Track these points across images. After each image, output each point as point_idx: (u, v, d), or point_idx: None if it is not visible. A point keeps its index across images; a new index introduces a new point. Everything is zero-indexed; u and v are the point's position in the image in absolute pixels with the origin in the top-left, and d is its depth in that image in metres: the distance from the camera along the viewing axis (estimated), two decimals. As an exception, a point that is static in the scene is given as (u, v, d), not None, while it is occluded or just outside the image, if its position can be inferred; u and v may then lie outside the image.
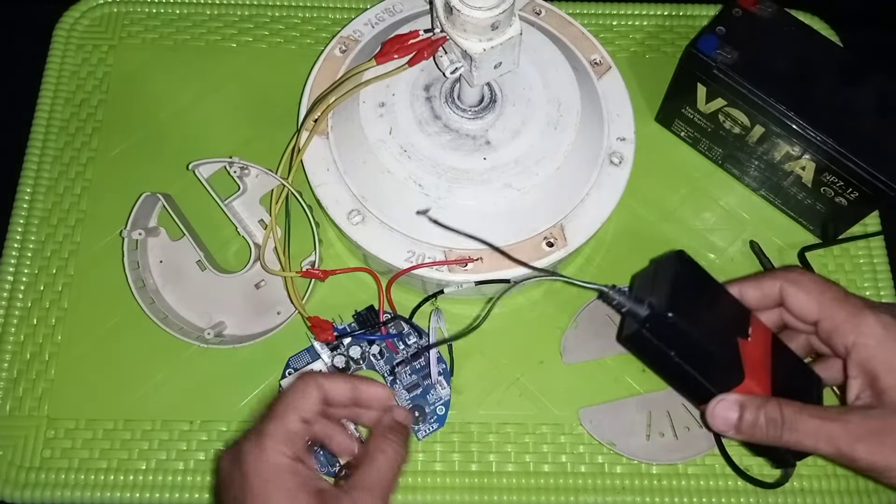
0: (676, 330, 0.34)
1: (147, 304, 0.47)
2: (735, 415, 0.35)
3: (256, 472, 0.33)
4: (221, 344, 0.47)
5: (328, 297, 0.50)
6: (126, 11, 0.58)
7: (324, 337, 0.45)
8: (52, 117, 0.55)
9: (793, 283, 0.38)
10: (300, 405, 0.36)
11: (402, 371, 0.46)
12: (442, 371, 0.46)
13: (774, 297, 0.39)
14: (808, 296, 0.37)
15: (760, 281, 0.39)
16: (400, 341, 0.47)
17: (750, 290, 0.39)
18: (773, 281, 0.38)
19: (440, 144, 0.43)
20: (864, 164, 0.44)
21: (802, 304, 0.37)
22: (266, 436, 0.34)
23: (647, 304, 0.35)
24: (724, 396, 0.36)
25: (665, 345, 0.35)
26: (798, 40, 0.48)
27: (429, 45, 0.41)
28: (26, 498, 0.45)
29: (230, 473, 0.34)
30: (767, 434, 0.35)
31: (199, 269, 0.49)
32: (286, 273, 0.45)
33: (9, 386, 0.48)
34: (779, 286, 0.38)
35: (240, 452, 0.34)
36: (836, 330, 0.36)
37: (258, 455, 0.34)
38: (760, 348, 0.37)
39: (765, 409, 0.35)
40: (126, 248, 0.48)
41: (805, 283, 0.38)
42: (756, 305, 0.39)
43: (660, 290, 0.35)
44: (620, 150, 0.47)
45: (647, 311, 0.35)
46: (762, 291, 0.39)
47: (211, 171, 0.49)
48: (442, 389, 0.46)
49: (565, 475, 0.47)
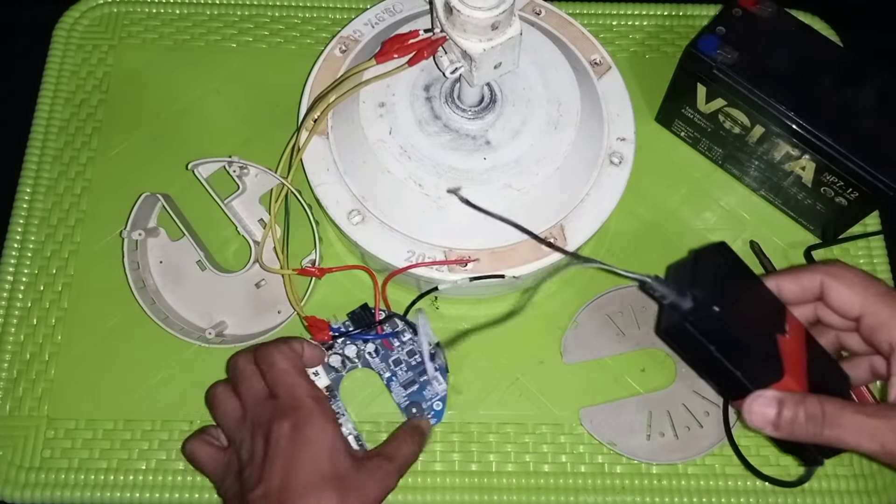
0: (720, 325, 0.33)
1: (148, 305, 0.47)
2: (773, 411, 0.34)
3: (307, 421, 0.38)
4: (223, 344, 0.47)
5: (326, 296, 0.50)
6: (126, 11, 0.58)
7: (320, 337, 0.45)
8: (52, 117, 0.55)
9: (835, 278, 0.37)
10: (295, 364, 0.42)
11: (399, 369, 0.46)
12: (438, 367, 0.46)
13: (813, 291, 0.38)
14: (852, 290, 0.36)
15: (799, 275, 0.38)
16: (395, 339, 0.47)
17: (788, 283, 0.38)
18: (813, 275, 0.38)
19: (440, 144, 0.43)
20: (864, 164, 0.44)
21: (845, 299, 0.37)
22: (300, 388, 0.40)
23: (690, 296, 0.34)
24: (761, 393, 0.35)
25: (707, 339, 0.34)
26: (798, 40, 0.48)
27: (429, 45, 0.41)
28: (26, 498, 0.45)
29: (274, 425, 0.38)
30: (807, 430, 0.34)
31: (199, 269, 0.49)
32: (283, 271, 0.45)
33: (9, 386, 0.48)
34: (819, 280, 0.37)
35: (280, 409, 0.39)
36: (881, 326, 0.36)
37: (305, 409, 0.39)
38: (797, 345, 0.36)
39: (804, 404, 0.34)
40: (126, 248, 0.48)
41: (848, 277, 0.37)
42: (793, 300, 0.38)
43: (703, 282, 0.34)
44: (620, 150, 0.47)
45: (692, 303, 0.33)
46: (801, 285, 0.38)
47: (210, 171, 0.49)
48: (438, 385, 0.46)
49: (565, 475, 0.47)
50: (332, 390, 0.45)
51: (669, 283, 0.34)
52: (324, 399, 0.40)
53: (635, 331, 0.49)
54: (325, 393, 0.43)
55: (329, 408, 0.40)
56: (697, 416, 0.47)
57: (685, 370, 0.48)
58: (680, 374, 0.48)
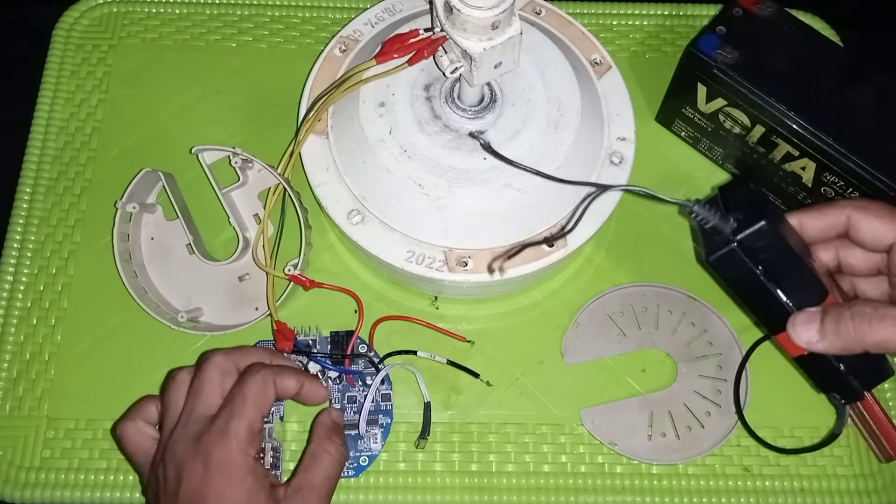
0: (766, 244, 0.33)
1: (129, 277, 0.47)
2: (818, 320, 0.34)
3: (221, 470, 0.35)
4: (194, 329, 0.47)
5: (314, 303, 0.49)
6: (126, 11, 0.58)
7: (283, 345, 0.45)
8: (52, 117, 0.55)
9: (863, 210, 0.37)
10: (261, 404, 0.38)
11: (351, 407, 0.46)
12: (384, 426, 0.45)
13: (839, 227, 0.37)
14: (882, 219, 0.36)
15: (823, 210, 0.38)
16: (359, 379, 0.46)
17: (811, 220, 0.38)
18: (839, 210, 0.37)
19: (440, 144, 0.43)
20: (864, 164, 0.44)
21: (877, 227, 0.36)
22: (231, 436, 0.36)
23: (732, 219, 0.34)
24: (805, 309, 0.35)
25: (752, 261, 0.34)
26: (798, 40, 0.48)
27: (428, 45, 0.41)
28: (26, 498, 0.45)
29: (189, 462, 0.35)
30: (855, 329, 0.33)
31: (187, 253, 0.49)
32: (273, 272, 0.45)
33: (8, 386, 0.48)
34: (846, 215, 0.37)
35: (204, 447, 0.35)
36: None
37: (225, 454, 0.35)
38: (827, 277, 0.36)
39: (848, 307, 0.33)
40: (118, 218, 0.48)
41: (876, 208, 0.37)
42: (816, 237, 0.38)
43: (739, 207, 0.34)
44: (620, 150, 0.46)
45: (735, 224, 0.33)
46: (825, 221, 0.38)
47: (214, 159, 0.50)
48: (374, 444, 0.45)
49: (565, 475, 0.47)
50: None
51: (711, 207, 0.34)
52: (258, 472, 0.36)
53: (636, 331, 0.49)
54: (262, 469, 0.37)
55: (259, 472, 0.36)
56: (699, 416, 0.47)
57: (686, 370, 0.48)
58: (681, 375, 0.48)
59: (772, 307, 0.36)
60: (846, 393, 0.39)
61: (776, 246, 0.34)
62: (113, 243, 0.47)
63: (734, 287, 0.38)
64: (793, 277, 0.35)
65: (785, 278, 0.35)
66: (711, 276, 0.44)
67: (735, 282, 0.37)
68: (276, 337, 0.45)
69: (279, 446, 0.44)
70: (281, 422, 0.46)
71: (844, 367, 0.37)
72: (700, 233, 0.37)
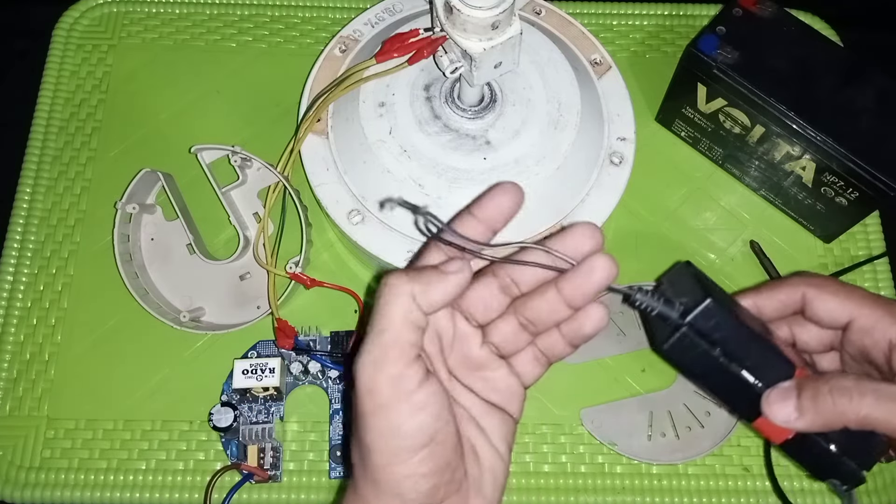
0: (717, 322, 0.31)
1: (130, 279, 0.47)
2: (794, 394, 0.31)
3: None
4: (196, 329, 0.47)
5: (314, 303, 0.49)
6: (126, 11, 0.58)
7: (283, 343, 0.45)
8: (52, 117, 0.55)
9: (817, 287, 0.36)
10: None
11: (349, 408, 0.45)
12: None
13: (794, 305, 0.37)
14: (837, 297, 0.35)
15: (775, 290, 0.37)
16: None
17: (765, 301, 0.37)
18: (792, 288, 0.36)
19: (440, 144, 0.43)
20: (864, 164, 0.44)
21: (832, 306, 0.35)
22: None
23: (678, 303, 0.31)
24: (777, 385, 0.32)
25: (708, 343, 0.31)
26: (798, 40, 0.48)
27: (428, 44, 0.41)
28: (26, 498, 0.45)
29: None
30: (835, 405, 0.31)
31: (187, 253, 0.49)
32: (274, 270, 0.45)
33: (8, 386, 0.48)
34: (801, 293, 0.36)
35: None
36: (875, 325, 0.34)
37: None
38: (791, 352, 0.35)
39: (826, 380, 0.31)
40: (118, 219, 0.48)
41: (830, 285, 0.36)
42: (772, 316, 0.37)
43: (684, 291, 0.33)
44: (620, 150, 0.46)
45: (682, 307, 0.31)
46: (779, 301, 0.37)
47: (213, 158, 0.50)
48: None
49: (565, 475, 0.46)
50: (280, 393, 0.45)
51: (654, 294, 0.31)
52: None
53: (636, 331, 0.49)
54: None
55: None
56: (698, 416, 0.47)
57: (685, 370, 0.48)
58: (680, 375, 0.48)
59: (740, 391, 0.33)
60: (845, 477, 0.34)
61: (730, 324, 0.31)
62: (113, 245, 0.47)
63: (696, 376, 0.34)
64: (755, 354, 0.32)
65: (747, 356, 0.32)
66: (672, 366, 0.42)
67: (696, 369, 0.33)
68: (277, 335, 0.45)
69: (279, 446, 0.44)
70: (281, 422, 0.46)
71: (836, 448, 0.32)
72: (651, 323, 0.35)
